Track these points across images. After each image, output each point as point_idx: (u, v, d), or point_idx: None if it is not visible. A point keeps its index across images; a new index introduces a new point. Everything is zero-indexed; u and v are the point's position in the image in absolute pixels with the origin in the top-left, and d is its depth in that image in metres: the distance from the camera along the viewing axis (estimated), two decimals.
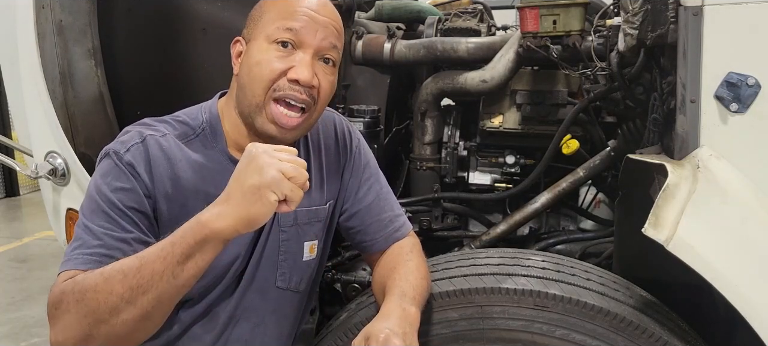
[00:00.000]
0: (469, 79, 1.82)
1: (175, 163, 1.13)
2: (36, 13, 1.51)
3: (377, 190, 1.33)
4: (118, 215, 1.07)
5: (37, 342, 3.36)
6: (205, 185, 1.14)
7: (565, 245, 1.87)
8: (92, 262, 1.02)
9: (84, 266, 1.02)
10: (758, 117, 1.01)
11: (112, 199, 1.07)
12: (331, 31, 1.14)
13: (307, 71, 1.10)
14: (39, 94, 1.55)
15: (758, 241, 1.01)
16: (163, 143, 1.13)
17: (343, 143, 1.32)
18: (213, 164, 1.16)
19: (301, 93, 1.11)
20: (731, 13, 1.01)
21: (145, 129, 1.15)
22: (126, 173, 1.09)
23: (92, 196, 1.09)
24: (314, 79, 1.12)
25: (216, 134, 1.18)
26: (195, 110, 1.22)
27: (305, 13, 1.12)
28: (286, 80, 1.10)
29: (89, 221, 1.07)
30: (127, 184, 1.09)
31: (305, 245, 1.26)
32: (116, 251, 1.04)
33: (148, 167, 1.10)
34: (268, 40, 1.12)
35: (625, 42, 1.36)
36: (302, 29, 1.11)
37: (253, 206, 0.95)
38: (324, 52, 1.14)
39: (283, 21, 1.11)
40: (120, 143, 1.12)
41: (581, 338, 1.14)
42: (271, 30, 1.12)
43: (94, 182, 1.11)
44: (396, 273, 1.21)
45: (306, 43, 1.11)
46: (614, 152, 1.71)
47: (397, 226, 1.33)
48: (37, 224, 5.63)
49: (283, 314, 1.28)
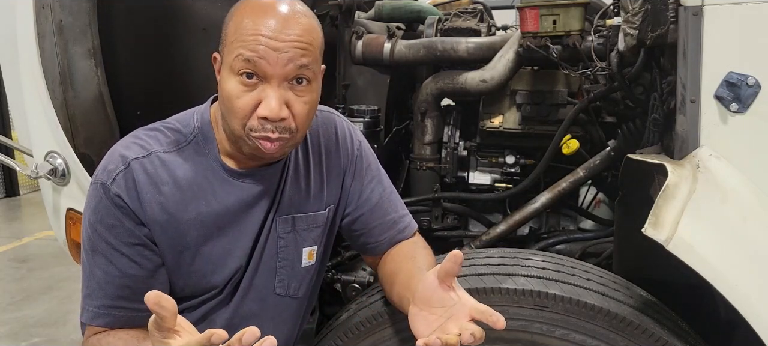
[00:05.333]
0: (469, 79, 1.82)
1: (160, 188, 1.10)
2: (36, 13, 1.51)
3: (380, 192, 1.30)
4: (116, 256, 1.10)
5: (37, 342, 3.36)
6: (196, 202, 1.13)
7: (565, 245, 1.87)
8: (101, 316, 1.12)
9: (95, 322, 1.12)
10: (758, 117, 1.01)
11: (107, 239, 1.10)
12: (296, 53, 1.02)
13: (275, 105, 1.02)
14: (39, 94, 1.55)
15: (758, 241, 1.01)
16: (148, 167, 1.10)
17: (344, 146, 1.28)
18: (204, 174, 1.14)
19: (273, 131, 1.04)
20: (731, 13, 1.01)
21: (128, 151, 1.11)
22: (115, 207, 1.08)
23: (88, 232, 1.12)
24: (282, 111, 1.03)
25: (208, 141, 1.15)
26: (187, 116, 1.18)
27: (263, 43, 1.01)
28: (256, 118, 1.04)
29: (91, 261, 1.12)
30: (117, 220, 1.09)
31: (304, 251, 1.24)
32: (117, 299, 1.11)
33: (136, 195, 1.09)
34: (232, 71, 1.04)
35: (625, 42, 1.36)
36: (261, 61, 1.01)
37: None
38: (291, 76, 1.04)
39: (240, 50, 1.02)
40: (106, 173, 1.09)
41: (581, 338, 1.14)
42: (231, 60, 1.03)
43: (87, 217, 1.12)
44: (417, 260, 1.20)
45: (268, 74, 1.02)
46: (614, 152, 1.71)
47: (402, 227, 1.31)
48: (37, 224, 5.63)
49: (281, 320, 1.27)
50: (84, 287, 1.13)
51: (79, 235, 1.65)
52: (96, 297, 1.11)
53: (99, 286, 1.11)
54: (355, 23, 1.95)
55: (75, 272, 1.21)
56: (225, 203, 1.15)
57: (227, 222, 1.15)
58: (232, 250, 1.16)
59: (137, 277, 1.11)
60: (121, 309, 1.11)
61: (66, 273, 4.24)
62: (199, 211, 1.12)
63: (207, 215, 1.14)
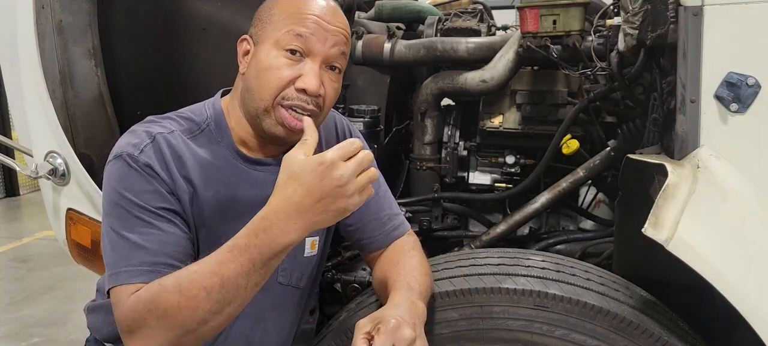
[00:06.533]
0: (469, 79, 1.82)
1: (185, 162, 1.13)
2: (36, 13, 1.51)
3: (375, 188, 1.32)
4: (152, 217, 1.07)
5: (37, 342, 3.36)
6: (214, 182, 1.15)
7: (565, 245, 1.87)
8: (144, 273, 1.03)
9: (138, 279, 1.03)
10: (758, 117, 1.01)
11: (140, 203, 1.06)
12: (340, 39, 1.13)
13: (315, 81, 1.10)
14: (39, 94, 1.55)
15: (758, 241, 1.01)
16: (172, 141, 1.13)
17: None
18: (219, 160, 1.17)
19: (309, 103, 1.11)
20: (731, 13, 1.01)
21: (152, 127, 1.14)
22: (145, 175, 1.08)
23: (117, 204, 1.07)
24: (321, 89, 1.11)
25: (221, 129, 1.18)
26: (199, 107, 1.22)
27: (315, 21, 1.10)
28: (293, 89, 1.10)
29: (124, 230, 1.06)
30: (150, 186, 1.08)
31: (306, 241, 1.26)
32: (162, 255, 1.05)
33: (165, 166, 1.10)
34: (277, 45, 1.10)
35: (625, 42, 1.36)
36: (312, 37, 1.10)
37: (324, 213, 0.98)
38: (332, 60, 1.13)
39: (292, 26, 1.10)
40: (131, 146, 1.10)
41: (581, 338, 1.14)
42: (279, 35, 1.10)
43: (112, 188, 1.08)
44: (399, 267, 1.21)
45: (315, 51, 1.10)
46: (614, 152, 1.71)
47: (396, 224, 1.33)
48: (37, 224, 5.64)
49: (283, 309, 1.29)
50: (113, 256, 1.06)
51: (79, 235, 1.66)
52: (135, 257, 1.04)
53: (136, 247, 1.05)
54: (355, 23, 1.95)
55: (75, 272, 1.20)
56: (238, 188, 1.17)
57: (240, 207, 1.17)
58: None
59: (177, 236, 1.08)
60: (167, 266, 1.04)
61: (66, 273, 4.23)
62: (216, 190, 1.14)
63: (223, 195, 1.15)
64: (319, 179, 0.95)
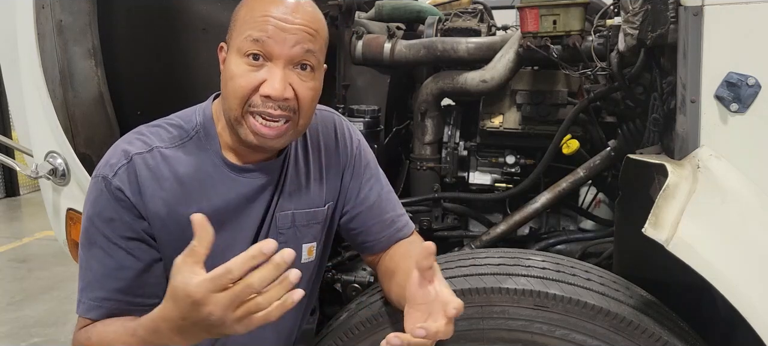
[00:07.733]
0: (469, 79, 1.82)
1: (162, 183, 1.12)
2: (36, 13, 1.51)
3: (378, 190, 1.32)
4: (113, 249, 1.10)
5: (37, 342, 3.36)
6: (197, 198, 1.14)
7: (565, 245, 1.87)
8: (94, 309, 1.11)
9: (89, 314, 1.12)
10: (758, 117, 1.01)
11: (104, 233, 1.10)
12: (303, 36, 1.07)
13: (278, 86, 1.05)
14: (39, 95, 1.55)
15: (758, 241, 1.01)
16: (150, 162, 1.12)
17: (343, 144, 1.30)
18: (205, 169, 1.15)
19: (275, 109, 1.06)
20: (731, 13, 1.01)
21: (131, 146, 1.13)
22: (115, 201, 1.09)
23: (89, 226, 1.12)
24: (287, 92, 1.06)
25: (209, 136, 1.17)
26: (189, 113, 1.21)
27: (272, 23, 1.05)
28: (259, 96, 1.06)
29: (88, 254, 1.12)
30: (116, 215, 1.10)
31: (303, 247, 1.25)
32: (114, 292, 1.11)
33: (138, 189, 1.10)
34: (239, 52, 1.07)
35: (625, 42, 1.36)
36: (269, 40, 1.04)
37: (208, 333, 0.95)
38: (297, 59, 1.07)
39: (250, 32, 1.05)
40: (108, 167, 1.11)
41: (581, 338, 1.14)
42: (240, 42, 1.07)
43: (87, 209, 1.13)
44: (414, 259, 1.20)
45: (275, 54, 1.05)
46: (614, 152, 1.71)
47: (400, 226, 1.32)
48: (37, 224, 5.64)
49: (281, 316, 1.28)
50: (80, 280, 1.14)
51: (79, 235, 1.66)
52: (92, 289, 1.12)
53: (95, 278, 1.11)
54: (355, 23, 1.95)
55: (75, 272, 1.20)
56: (226, 197, 1.16)
57: (228, 217, 1.16)
58: (233, 245, 1.17)
59: (133, 269, 1.12)
60: (116, 302, 1.11)
61: (66, 273, 4.24)
62: (199, 206, 1.13)
63: (207, 210, 1.13)
64: (189, 311, 0.90)
